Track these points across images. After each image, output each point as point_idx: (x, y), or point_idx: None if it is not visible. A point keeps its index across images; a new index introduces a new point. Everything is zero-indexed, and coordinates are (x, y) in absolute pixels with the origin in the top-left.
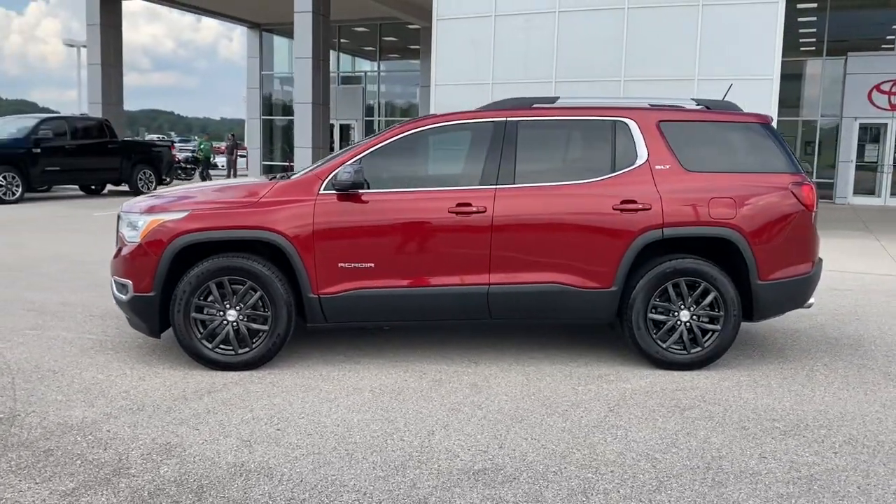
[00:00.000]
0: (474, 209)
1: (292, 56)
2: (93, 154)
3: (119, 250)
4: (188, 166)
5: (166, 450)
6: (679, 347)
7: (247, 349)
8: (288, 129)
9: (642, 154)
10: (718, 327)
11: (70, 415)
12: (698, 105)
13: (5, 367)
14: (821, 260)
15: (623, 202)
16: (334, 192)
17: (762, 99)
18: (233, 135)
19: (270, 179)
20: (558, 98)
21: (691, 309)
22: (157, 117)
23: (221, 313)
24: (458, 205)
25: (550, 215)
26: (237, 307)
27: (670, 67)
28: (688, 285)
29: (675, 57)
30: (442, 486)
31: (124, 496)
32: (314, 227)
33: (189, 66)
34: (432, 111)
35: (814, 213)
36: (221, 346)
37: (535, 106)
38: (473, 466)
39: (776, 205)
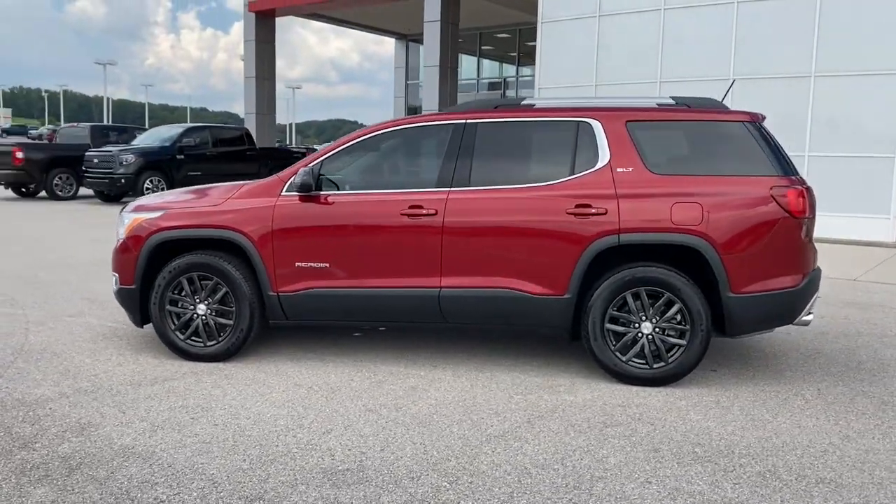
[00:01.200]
0: (425, 212)
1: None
2: (232, 160)
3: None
4: None
5: (80, 429)
6: (641, 361)
7: (214, 342)
8: None
9: (604, 156)
10: (684, 342)
11: (31, 392)
12: (678, 103)
13: (19, 347)
14: (817, 271)
15: (578, 206)
16: (296, 193)
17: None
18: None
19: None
20: (524, 99)
21: (654, 321)
22: (341, 126)
23: (192, 307)
24: (411, 207)
25: (502, 219)
26: (206, 302)
27: (784, 64)
28: (649, 295)
29: (790, 53)
30: (289, 483)
31: (12, 467)
32: (273, 228)
33: (372, 78)
34: None
35: (804, 221)
36: (192, 338)
37: (497, 107)
38: (338, 467)
39: (752, 211)
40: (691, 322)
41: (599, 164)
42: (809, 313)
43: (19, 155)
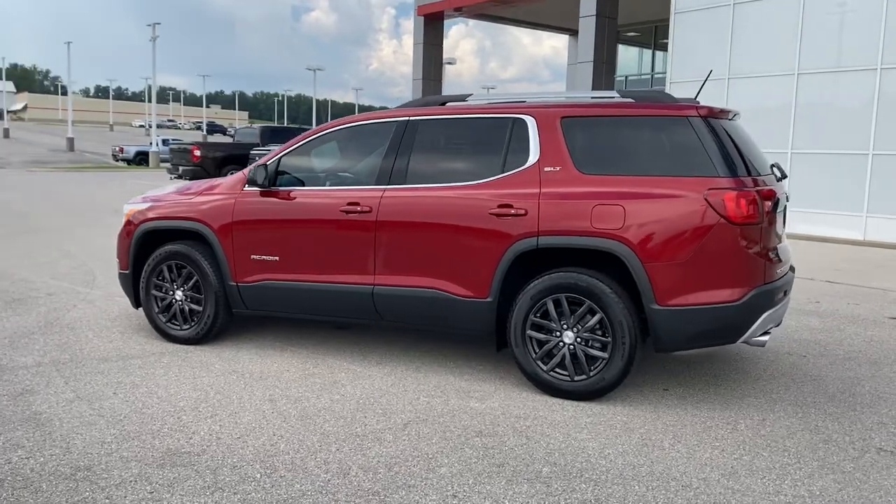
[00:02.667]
0: (360, 209)
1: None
2: None
3: None
4: None
5: (18, 394)
6: (564, 373)
7: (188, 326)
8: None
9: (534, 154)
10: (605, 355)
11: (16, 360)
12: (624, 98)
13: (51, 320)
14: (776, 284)
15: (500, 206)
16: (256, 189)
17: None
18: None
19: None
20: (471, 95)
21: (575, 330)
22: None
23: (171, 293)
24: (349, 204)
25: (429, 218)
26: (182, 288)
27: None
28: (570, 303)
29: None
30: (126, 458)
31: None
32: (233, 221)
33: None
34: None
35: (747, 227)
36: (172, 322)
37: (445, 104)
38: (183, 449)
39: (681, 216)
40: (612, 334)
41: (528, 163)
42: (765, 333)
43: (197, 153)
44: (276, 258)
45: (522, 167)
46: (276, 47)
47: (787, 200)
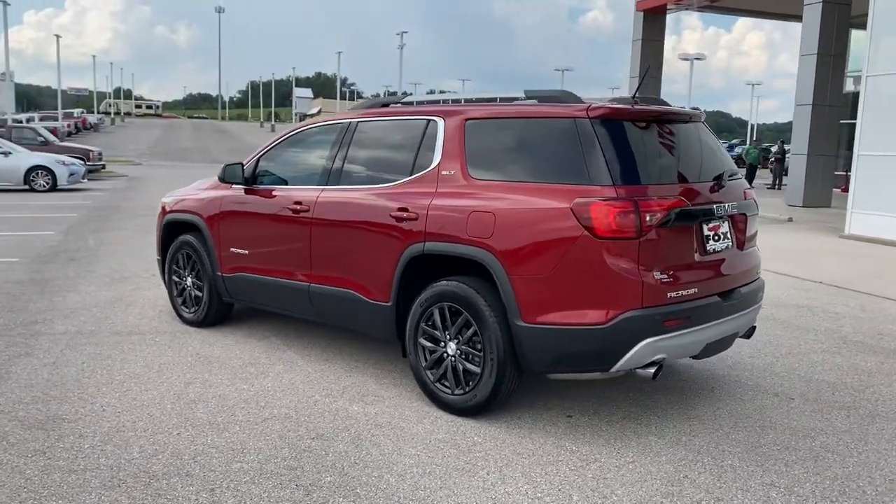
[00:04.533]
0: (301, 208)
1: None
2: None
3: None
4: None
5: (20, 355)
6: (447, 385)
7: (193, 310)
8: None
9: (437, 157)
10: (478, 370)
11: (54, 328)
12: (527, 97)
13: (114, 299)
14: (654, 310)
15: (398, 210)
16: (241, 186)
17: None
18: (781, 141)
19: None
20: (409, 95)
21: (456, 342)
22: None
23: (185, 279)
24: (294, 203)
25: (347, 219)
26: (190, 275)
27: None
28: (451, 313)
29: None
30: (7, 420)
31: None
32: (220, 215)
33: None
34: (862, 106)
35: (613, 243)
36: (184, 305)
37: (386, 105)
38: (54, 413)
39: (547, 226)
40: (483, 348)
41: (431, 166)
42: (652, 364)
43: None
44: (246, 252)
45: (426, 170)
46: (549, 48)
47: (738, 210)
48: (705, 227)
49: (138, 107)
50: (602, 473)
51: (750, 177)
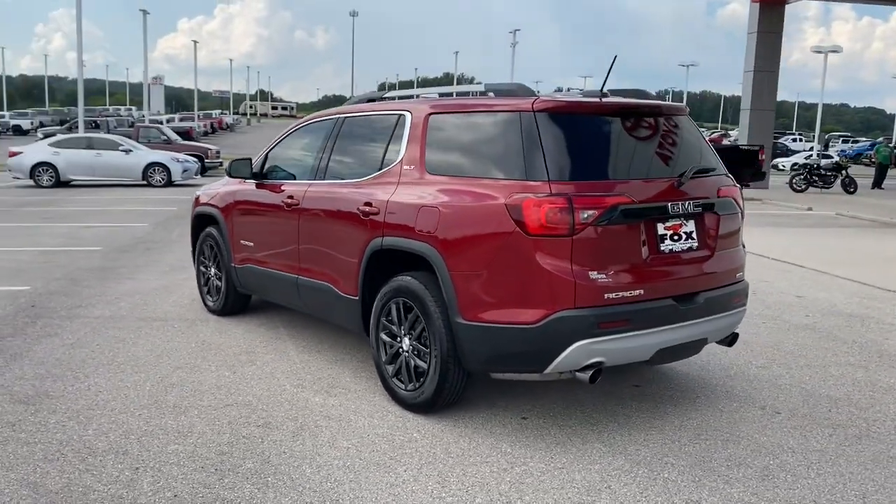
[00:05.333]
0: (291, 202)
1: None
2: None
3: None
4: (827, 173)
5: (49, 335)
6: (401, 380)
7: (215, 299)
8: None
9: (401, 152)
10: (426, 366)
11: (93, 312)
12: (486, 90)
13: (168, 286)
14: (591, 311)
15: (364, 204)
16: (252, 181)
17: None
18: None
19: None
20: (388, 91)
21: (409, 337)
22: None
23: (210, 269)
24: (288, 197)
25: (324, 213)
26: (214, 266)
27: None
28: (405, 308)
29: None
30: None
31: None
32: (233, 209)
33: None
34: None
35: (544, 240)
36: (209, 294)
37: (371, 100)
38: (47, 389)
39: (484, 222)
40: (430, 344)
41: (396, 161)
42: (589, 367)
43: None
44: (252, 244)
45: (392, 164)
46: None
47: (702, 208)
48: (660, 226)
49: (274, 108)
50: (521, 478)
51: (879, 177)
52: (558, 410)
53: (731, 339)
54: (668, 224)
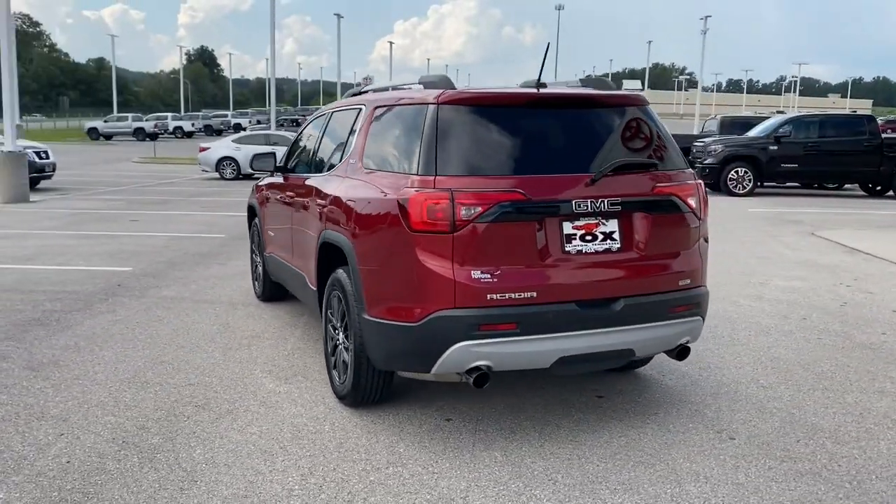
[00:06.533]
0: (287, 196)
1: None
2: (841, 154)
3: None
4: None
5: (105, 312)
6: (338, 373)
7: (259, 286)
8: None
9: (352, 145)
10: (348, 359)
11: (161, 293)
12: (419, 83)
13: (241, 272)
14: (472, 311)
15: (318, 198)
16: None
17: None
18: None
19: None
20: (370, 85)
21: (342, 330)
22: None
23: (256, 258)
24: (289, 190)
25: (302, 208)
26: (258, 255)
27: None
28: (338, 301)
29: None
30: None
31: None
32: (263, 200)
33: None
34: None
35: (425, 237)
36: (256, 282)
37: (356, 94)
38: (51, 358)
39: (382, 217)
40: (350, 338)
41: (348, 154)
42: (476, 370)
43: None
44: (272, 233)
45: (346, 157)
46: None
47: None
48: (568, 225)
49: None
50: (386, 479)
51: None
52: (493, 415)
53: (679, 352)
54: (578, 223)
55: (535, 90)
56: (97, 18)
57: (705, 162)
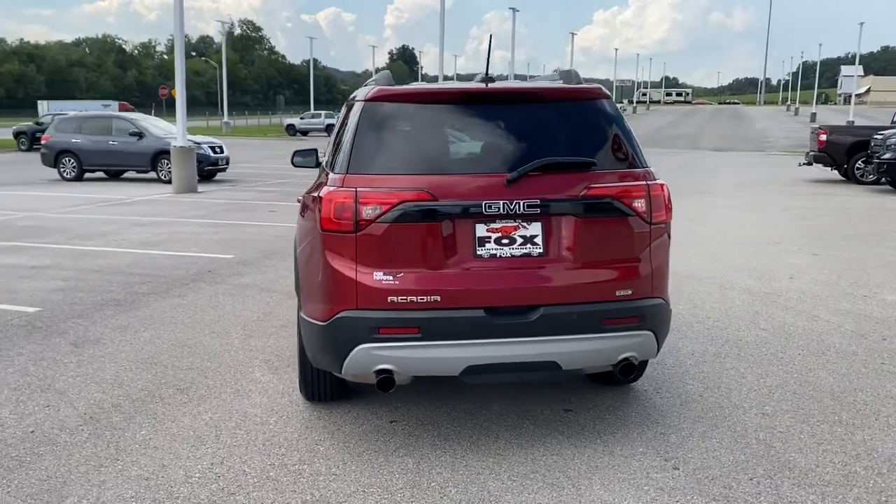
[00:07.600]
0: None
1: None
2: None
3: None
4: None
5: (178, 295)
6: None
7: None
8: None
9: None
10: None
11: (238, 280)
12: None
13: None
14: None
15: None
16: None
17: None
18: None
19: None
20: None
21: None
22: None
23: None
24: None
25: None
26: None
27: None
28: None
29: None
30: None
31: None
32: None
33: None
34: None
35: (332, 236)
36: None
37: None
38: (95, 335)
39: (309, 216)
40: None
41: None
42: (381, 374)
43: (822, 137)
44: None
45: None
46: None
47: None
48: (481, 227)
49: (668, 94)
50: (281, 476)
51: None
52: (444, 421)
53: (626, 369)
54: (494, 226)
55: (467, 87)
56: (313, 22)
57: (882, 157)
